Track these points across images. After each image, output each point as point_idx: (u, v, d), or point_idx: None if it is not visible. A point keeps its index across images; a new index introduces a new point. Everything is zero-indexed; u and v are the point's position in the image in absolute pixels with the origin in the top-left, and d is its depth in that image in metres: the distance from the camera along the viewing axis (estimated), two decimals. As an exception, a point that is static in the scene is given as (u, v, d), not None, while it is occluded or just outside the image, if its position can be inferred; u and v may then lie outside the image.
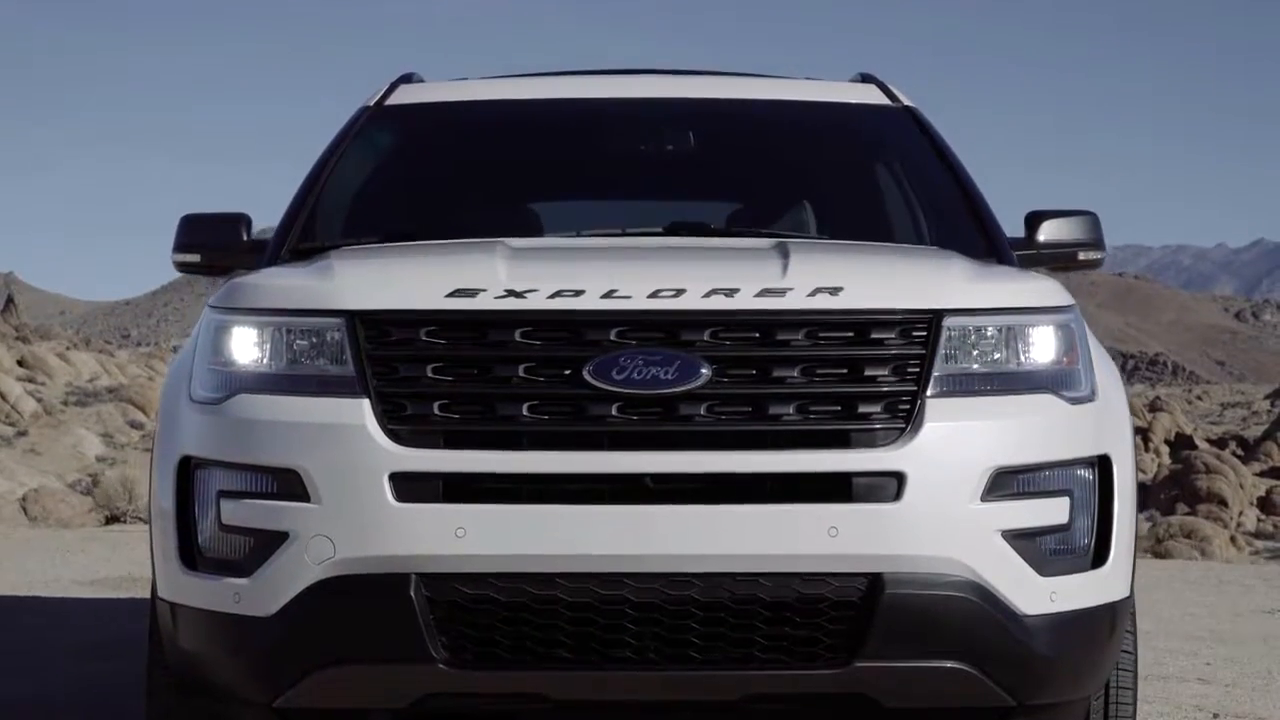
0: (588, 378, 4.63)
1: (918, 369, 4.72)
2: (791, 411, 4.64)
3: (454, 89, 6.78)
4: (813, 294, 4.73)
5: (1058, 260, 6.18)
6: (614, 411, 4.63)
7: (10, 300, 73.12)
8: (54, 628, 9.63)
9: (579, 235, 5.97)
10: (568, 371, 4.65)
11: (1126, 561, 4.95)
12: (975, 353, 4.81)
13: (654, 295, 4.70)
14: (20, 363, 56.47)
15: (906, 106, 6.59)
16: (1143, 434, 65.10)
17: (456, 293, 4.73)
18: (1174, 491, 52.18)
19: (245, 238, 6.12)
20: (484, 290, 4.73)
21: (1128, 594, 5.00)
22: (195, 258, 6.16)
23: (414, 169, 6.60)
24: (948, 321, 4.78)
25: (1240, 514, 51.75)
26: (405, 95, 6.64)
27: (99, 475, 41.82)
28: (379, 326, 4.73)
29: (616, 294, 4.70)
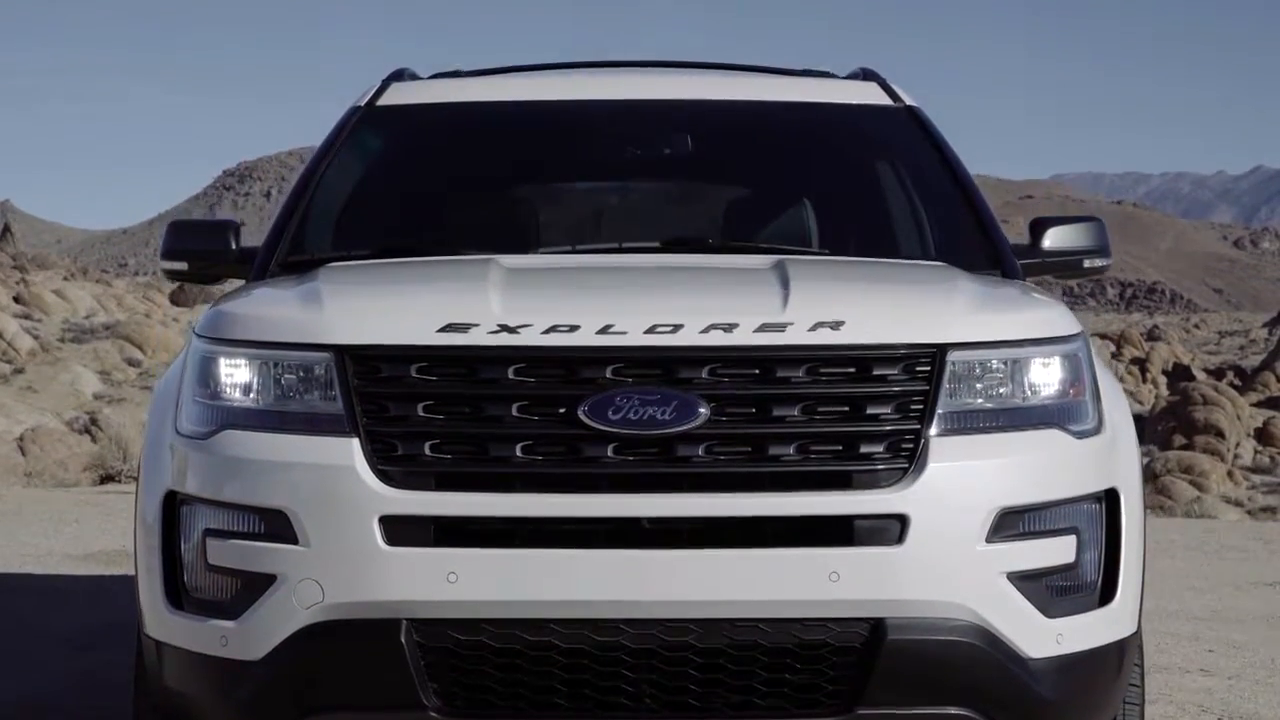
0: (583, 418, 4.51)
1: (921, 406, 4.60)
2: (791, 452, 4.53)
3: (446, 88, 6.62)
4: (814, 329, 4.61)
5: (1062, 269, 6.07)
6: (610, 453, 4.51)
7: (7, 228, 72.80)
8: (48, 611, 9.51)
9: (574, 250, 5.83)
10: (562, 410, 4.53)
11: (1134, 596, 4.86)
12: (980, 386, 4.69)
13: (651, 331, 4.58)
14: (16, 299, 56.37)
15: (908, 106, 6.44)
16: (1140, 364, 65.14)
17: (448, 328, 4.61)
18: (1171, 423, 52.26)
19: (233, 246, 5.99)
20: (476, 325, 4.61)
21: (1135, 629, 4.90)
22: (183, 265, 6.05)
23: (406, 175, 6.44)
24: (952, 356, 4.66)
25: (1237, 445, 51.80)
26: (397, 95, 6.48)
27: (96, 413, 41.83)
28: (368, 362, 4.61)
29: (612, 329, 4.58)
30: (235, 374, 4.75)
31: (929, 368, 4.63)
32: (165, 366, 51.87)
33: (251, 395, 4.72)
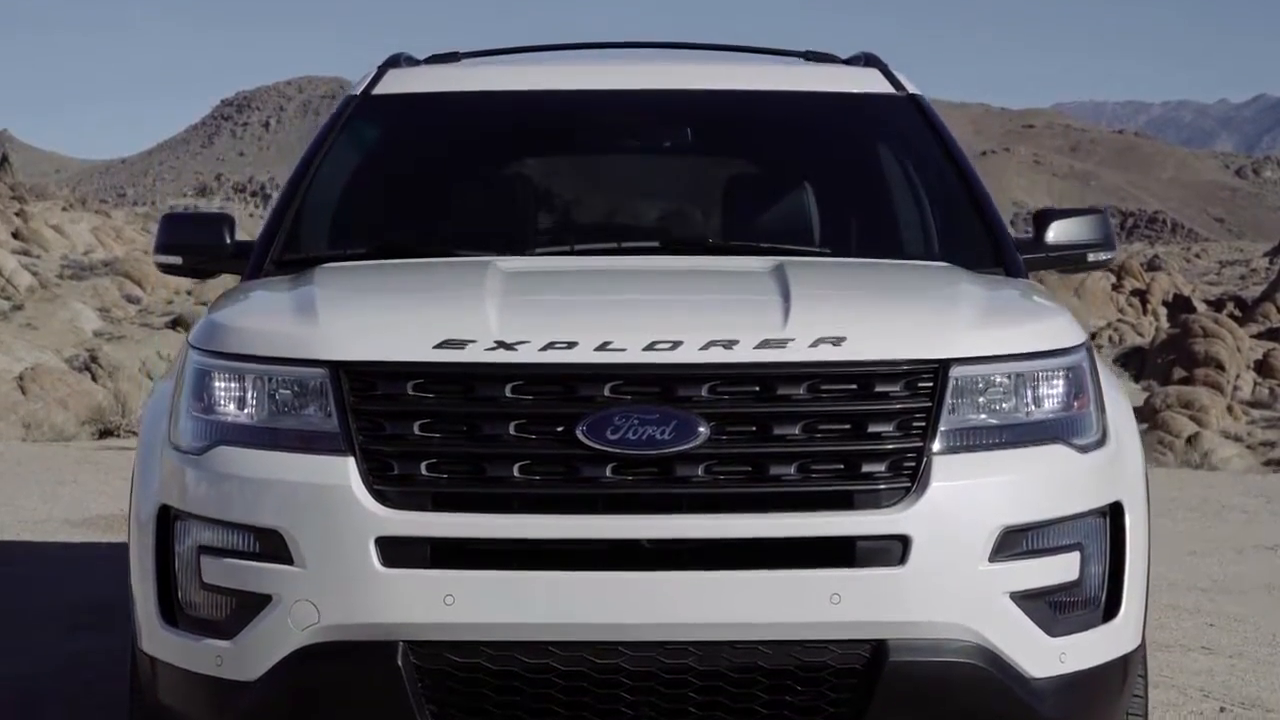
0: (581, 437, 4.46)
1: (923, 423, 4.55)
2: (792, 471, 4.48)
3: (443, 76, 6.53)
4: (815, 345, 4.55)
5: (1066, 262, 6.01)
6: (608, 473, 4.46)
7: (5, 158, 72.38)
8: (43, 583, 9.43)
9: (573, 250, 5.75)
10: (560, 429, 4.48)
11: (1139, 609, 4.82)
12: (983, 401, 4.64)
13: (650, 348, 4.52)
14: (15, 235, 56.30)
15: (911, 95, 6.35)
16: (1140, 296, 65.09)
17: (445, 344, 4.55)
18: (1171, 356, 52.28)
19: (228, 241, 5.93)
20: (473, 341, 4.55)
21: (1139, 642, 4.86)
22: (177, 260, 5.99)
23: (402, 169, 6.35)
24: (955, 371, 4.60)
25: (1237, 377, 51.81)
26: (393, 83, 6.39)
27: (96, 351, 41.82)
28: (364, 379, 4.56)
29: (611, 346, 4.52)
30: (230, 388, 4.70)
31: (931, 383, 4.58)
32: (165, 304, 51.83)
33: (246, 410, 4.67)
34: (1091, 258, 6.01)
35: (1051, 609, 4.61)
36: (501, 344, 4.54)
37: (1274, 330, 61.04)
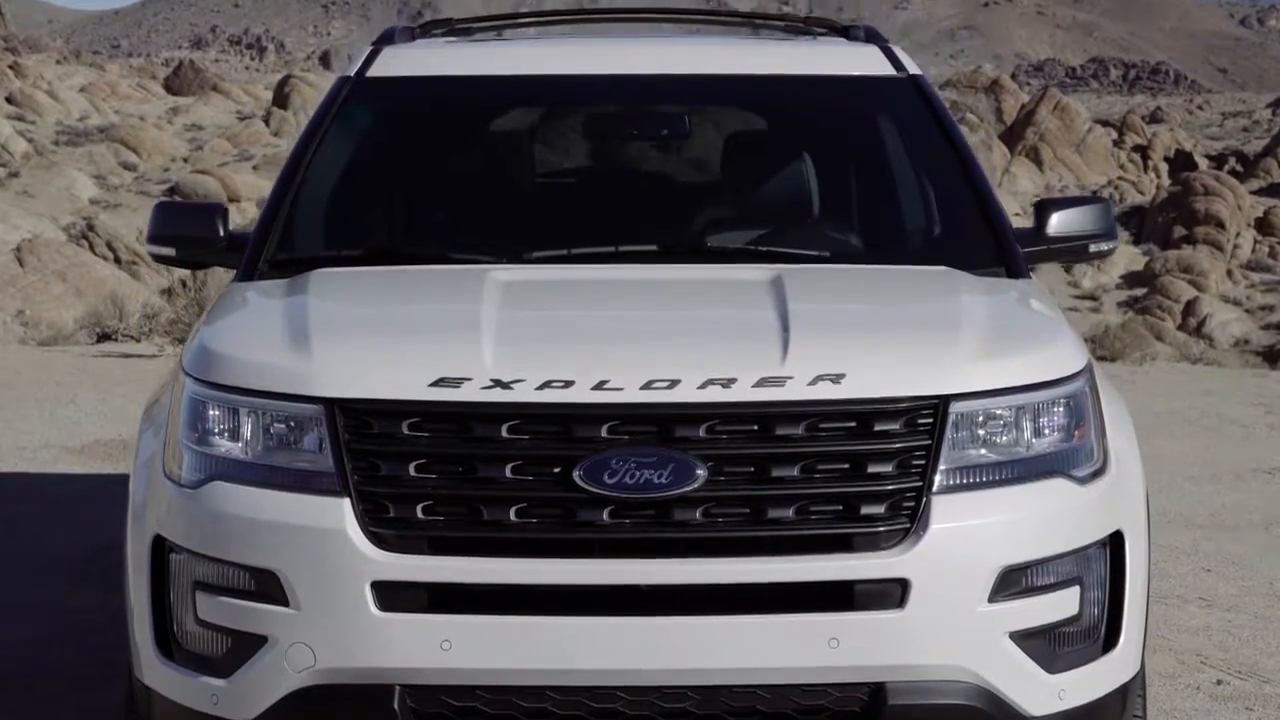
0: (578, 480, 4.44)
1: (923, 462, 4.52)
2: (791, 514, 4.46)
3: (440, 57, 6.40)
4: (813, 382, 4.52)
5: (1068, 254, 5.94)
6: (605, 517, 4.44)
7: (-4, 10, 71.68)
8: (44, 528, 9.31)
9: (570, 254, 5.67)
10: (557, 470, 4.46)
11: (1138, 636, 4.82)
12: (983, 434, 4.61)
13: (647, 386, 4.48)
14: (9, 99, 55.98)
15: (912, 76, 6.25)
16: (1142, 151, 64.76)
17: (440, 382, 4.51)
18: (1172, 214, 52.16)
19: (221, 233, 5.85)
20: (469, 380, 4.51)
21: (1138, 669, 4.86)
22: (170, 251, 5.92)
23: (398, 160, 6.22)
24: (955, 407, 4.57)
25: (1237, 235, 51.80)
26: (387, 64, 6.25)
27: (93, 219, 41.73)
28: (359, 417, 4.53)
29: (608, 385, 4.49)
30: (224, 422, 4.68)
31: (931, 420, 4.54)
32: (161, 170, 51.34)
33: (241, 445, 4.65)
34: (1093, 248, 5.94)
35: (1051, 645, 4.61)
36: (498, 382, 4.50)
37: (1275, 186, 60.81)
